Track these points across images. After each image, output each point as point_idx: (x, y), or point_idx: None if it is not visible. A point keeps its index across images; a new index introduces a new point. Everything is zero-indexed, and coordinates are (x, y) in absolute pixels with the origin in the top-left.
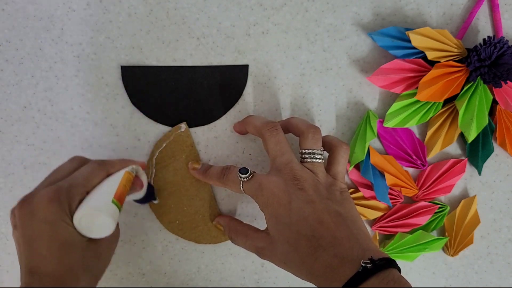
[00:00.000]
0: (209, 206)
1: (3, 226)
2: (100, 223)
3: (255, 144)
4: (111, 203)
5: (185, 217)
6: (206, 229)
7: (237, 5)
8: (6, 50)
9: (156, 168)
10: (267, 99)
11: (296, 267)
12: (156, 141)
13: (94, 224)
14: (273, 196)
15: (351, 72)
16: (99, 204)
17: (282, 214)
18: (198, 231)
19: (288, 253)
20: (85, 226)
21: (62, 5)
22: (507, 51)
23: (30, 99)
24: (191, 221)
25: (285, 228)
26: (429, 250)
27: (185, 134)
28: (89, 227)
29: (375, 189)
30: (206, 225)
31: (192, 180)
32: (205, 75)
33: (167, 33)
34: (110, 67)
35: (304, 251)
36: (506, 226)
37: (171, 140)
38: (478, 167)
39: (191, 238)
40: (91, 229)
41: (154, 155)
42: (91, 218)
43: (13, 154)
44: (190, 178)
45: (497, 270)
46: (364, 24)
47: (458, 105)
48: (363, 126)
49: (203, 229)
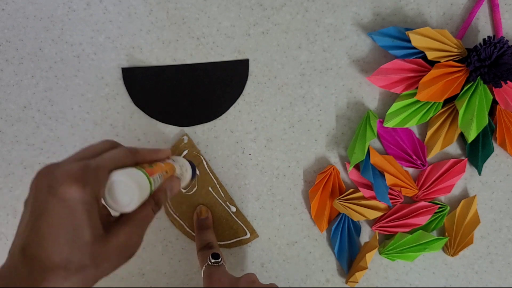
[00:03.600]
0: (221, 205)
1: (3, 226)
2: (125, 191)
3: (255, 144)
4: (140, 172)
5: None
6: (227, 226)
7: (237, 5)
8: (6, 50)
9: None
10: (267, 99)
11: None
12: None
13: (119, 193)
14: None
15: (351, 72)
16: (127, 173)
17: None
18: (220, 230)
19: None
20: (112, 196)
21: (62, 5)
22: (507, 51)
23: (30, 99)
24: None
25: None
26: (429, 250)
27: (189, 144)
28: (114, 197)
29: (375, 189)
30: (222, 224)
31: (207, 188)
32: (205, 72)
33: (167, 33)
34: (110, 67)
35: None
36: (506, 226)
37: (177, 153)
38: (478, 167)
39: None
40: (116, 198)
41: None
42: (117, 185)
43: (13, 154)
44: (205, 187)
45: (497, 270)
46: (364, 24)
47: (458, 105)
48: (363, 126)
49: (223, 227)
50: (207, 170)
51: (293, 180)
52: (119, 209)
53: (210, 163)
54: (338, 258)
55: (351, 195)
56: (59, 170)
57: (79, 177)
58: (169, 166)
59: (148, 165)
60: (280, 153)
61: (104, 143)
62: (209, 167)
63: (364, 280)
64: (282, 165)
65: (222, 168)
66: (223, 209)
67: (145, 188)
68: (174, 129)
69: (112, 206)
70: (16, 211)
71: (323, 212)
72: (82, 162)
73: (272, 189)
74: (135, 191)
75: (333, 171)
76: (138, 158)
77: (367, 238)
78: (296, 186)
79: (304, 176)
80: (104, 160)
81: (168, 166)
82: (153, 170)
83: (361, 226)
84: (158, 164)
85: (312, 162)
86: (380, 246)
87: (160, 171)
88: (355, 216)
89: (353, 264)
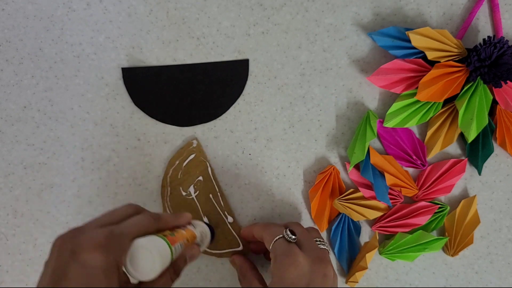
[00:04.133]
0: (219, 214)
1: (3, 226)
2: (147, 259)
3: (255, 144)
4: (162, 241)
5: None
6: (221, 236)
7: (237, 5)
8: (6, 50)
9: (171, 186)
10: (267, 99)
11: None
12: (169, 159)
13: (140, 261)
14: (295, 269)
15: (351, 72)
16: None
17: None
18: (218, 239)
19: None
20: (133, 264)
21: (62, 5)
22: (507, 51)
23: (30, 99)
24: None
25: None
26: (429, 250)
27: (198, 149)
28: (135, 265)
29: (375, 189)
30: (217, 233)
31: (207, 194)
32: (205, 72)
33: (167, 33)
34: (110, 67)
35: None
36: (506, 226)
37: (183, 157)
38: (478, 167)
39: (211, 247)
40: (137, 266)
41: (168, 173)
42: (139, 253)
43: (13, 154)
44: (206, 193)
45: (497, 270)
46: (364, 24)
47: (458, 105)
48: (363, 126)
49: (218, 236)
50: (211, 177)
51: (293, 180)
52: (139, 277)
53: (210, 163)
54: (338, 258)
55: (351, 195)
56: (83, 236)
57: (102, 244)
58: (190, 233)
59: (170, 232)
60: (280, 153)
61: (128, 208)
62: (213, 174)
63: (364, 280)
64: (282, 165)
65: (222, 168)
66: (220, 218)
67: (166, 257)
68: (174, 129)
69: (132, 274)
70: (16, 211)
71: (323, 212)
72: (106, 229)
73: (272, 189)
74: (156, 260)
75: (333, 171)
76: (160, 225)
77: (367, 238)
78: (296, 186)
79: (304, 176)
80: (128, 227)
81: (189, 234)
82: (175, 239)
83: (361, 226)
84: (180, 232)
85: (312, 162)
86: (380, 246)
87: (181, 240)
88: (355, 216)
89: (353, 264)
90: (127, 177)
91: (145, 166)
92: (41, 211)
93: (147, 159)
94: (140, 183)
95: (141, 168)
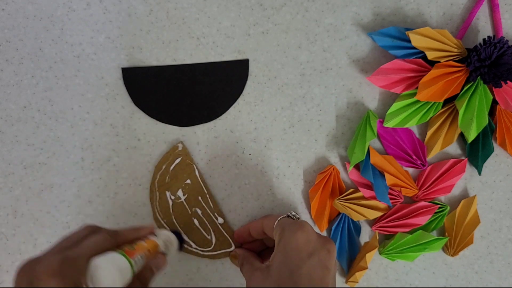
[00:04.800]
0: (209, 215)
1: (3, 226)
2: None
3: (255, 144)
4: (119, 256)
5: (196, 235)
6: (215, 237)
7: (237, 5)
8: (6, 50)
9: (160, 191)
10: (267, 99)
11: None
12: (156, 163)
13: (100, 279)
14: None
15: (351, 72)
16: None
17: (296, 264)
18: (205, 240)
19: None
20: (95, 283)
21: (62, 5)
22: (507, 51)
23: (30, 99)
24: (203, 239)
25: (289, 277)
26: (429, 250)
27: (184, 152)
28: (97, 284)
29: (375, 189)
30: (214, 234)
31: (196, 197)
32: (205, 72)
33: (167, 33)
34: (110, 67)
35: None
36: (506, 226)
37: (169, 161)
38: (478, 167)
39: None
40: (98, 284)
41: (155, 178)
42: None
43: (13, 154)
44: (194, 196)
45: (497, 270)
46: (364, 24)
47: (458, 105)
48: (363, 126)
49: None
50: (198, 179)
51: (293, 180)
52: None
53: (210, 163)
54: (338, 258)
55: (351, 195)
56: (38, 266)
57: (57, 271)
58: (151, 244)
59: (129, 245)
60: (280, 153)
61: (84, 229)
62: (201, 176)
63: (364, 280)
64: (282, 165)
65: (222, 168)
66: (211, 220)
67: (126, 270)
68: (174, 129)
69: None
70: (16, 211)
71: (323, 212)
72: (61, 255)
73: (272, 189)
74: (115, 275)
75: (333, 171)
76: (119, 240)
77: (367, 238)
78: (296, 186)
79: (304, 176)
80: (83, 249)
81: (150, 244)
82: (133, 251)
83: (361, 226)
84: (140, 244)
85: (312, 162)
86: (380, 246)
87: (141, 251)
88: (355, 216)
89: (353, 264)
90: (127, 177)
91: (145, 166)
92: (41, 211)
93: (147, 159)
94: (140, 183)
95: (141, 168)
